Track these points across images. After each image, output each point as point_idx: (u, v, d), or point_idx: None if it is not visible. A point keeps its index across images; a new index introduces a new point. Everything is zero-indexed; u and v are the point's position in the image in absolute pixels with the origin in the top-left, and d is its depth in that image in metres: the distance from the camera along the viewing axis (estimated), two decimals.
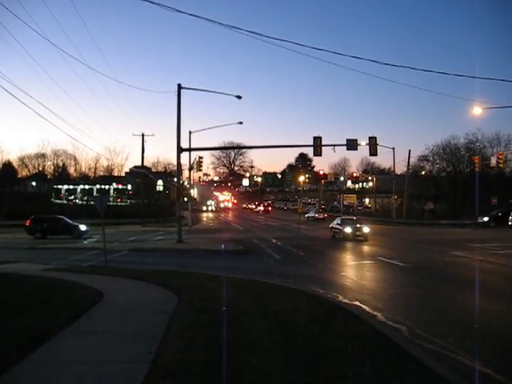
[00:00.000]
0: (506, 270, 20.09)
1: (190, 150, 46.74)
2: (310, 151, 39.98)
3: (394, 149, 68.10)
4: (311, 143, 37.95)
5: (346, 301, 13.01)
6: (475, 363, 7.61)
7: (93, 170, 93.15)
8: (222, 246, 30.73)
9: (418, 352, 8.03)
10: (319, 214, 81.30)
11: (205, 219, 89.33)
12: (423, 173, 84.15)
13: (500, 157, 46.54)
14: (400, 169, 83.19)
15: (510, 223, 48.77)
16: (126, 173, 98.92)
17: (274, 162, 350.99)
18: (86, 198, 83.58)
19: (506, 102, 44.89)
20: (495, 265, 21.30)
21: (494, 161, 46.96)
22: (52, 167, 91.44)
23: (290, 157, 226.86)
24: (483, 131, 77.31)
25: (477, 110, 38.08)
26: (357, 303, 12.72)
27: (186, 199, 66.79)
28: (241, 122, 53.51)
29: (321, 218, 76.23)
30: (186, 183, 73.98)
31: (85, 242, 37.43)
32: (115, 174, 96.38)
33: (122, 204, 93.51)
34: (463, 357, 8.02)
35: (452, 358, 8.03)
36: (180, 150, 36.24)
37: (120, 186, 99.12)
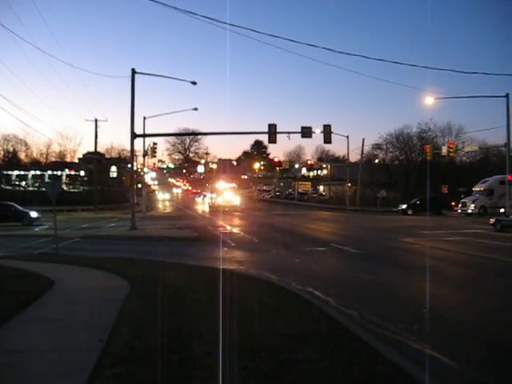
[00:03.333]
0: (454, 255, 20.66)
1: (144, 135, 46.26)
2: (265, 138, 40.55)
3: (348, 137, 68.91)
4: (266, 130, 38.04)
5: (299, 287, 13.13)
6: (423, 347, 7.82)
7: (44, 156, 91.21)
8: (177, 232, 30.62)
9: (367, 336, 8.20)
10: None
11: (160, 206, 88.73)
12: (377, 161, 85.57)
13: (451, 146, 47.63)
14: (354, 157, 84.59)
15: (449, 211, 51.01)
16: (79, 159, 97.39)
17: (230, 148, 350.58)
18: (37, 185, 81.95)
19: (457, 93, 46.03)
20: (444, 251, 21.87)
21: (445, 150, 48.06)
22: (2, 152, 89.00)
23: (245, 144, 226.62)
24: (435, 121, 79.30)
25: (429, 100, 38.97)
26: (310, 289, 12.85)
27: (140, 185, 66.22)
28: (196, 109, 53.10)
29: None
30: (141, 170, 73.25)
31: (36, 230, 36.72)
32: (68, 159, 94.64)
33: (75, 190, 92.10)
34: (412, 341, 8.22)
35: (401, 341, 8.22)
36: (134, 135, 35.83)
37: (73, 172, 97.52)
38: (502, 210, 41.39)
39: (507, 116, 39.50)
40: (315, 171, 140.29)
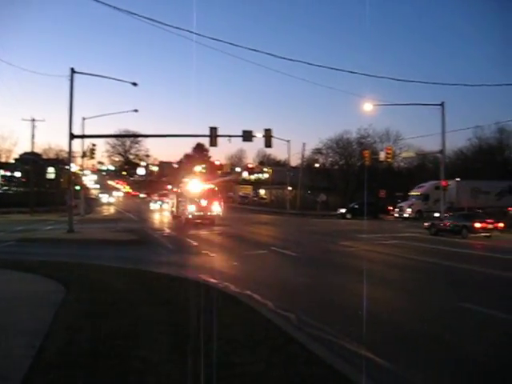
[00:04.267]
0: (390, 258, 21.13)
1: (82, 136, 45.23)
2: (207, 141, 39.64)
3: (289, 141, 69.51)
4: (208, 133, 37.92)
5: (238, 290, 13.16)
6: (359, 348, 7.96)
7: None
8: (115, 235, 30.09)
9: (304, 338, 8.29)
10: None
11: (99, 208, 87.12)
12: (317, 165, 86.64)
13: (388, 152, 48.55)
14: (295, 161, 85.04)
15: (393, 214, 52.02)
16: (15, 159, 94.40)
17: (171, 151, 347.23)
18: None
19: (396, 100, 47.08)
20: (381, 254, 22.35)
21: (383, 155, 48.97)
22: None
23: (186, 147, 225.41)
24: (374, 127, 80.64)
25: (368, 107, 39.67)
26: (248, 292, 12.89)
27: (78, 187, 64.82)
28: (136, 110, 52.45)
29: None
30: (80, 171, 71.69)
31: None
32: (3, 160, 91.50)
33: (11, 192, 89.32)
34: (347, 342, 8.37)
35: (337, 343, 8.36)
36: (72, 136, 35.06)
37: (8, 173, 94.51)
38: (436, 215, 42.70)
39: (442, 124, 40.73)
40: (256, 175, 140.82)
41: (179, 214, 47.34)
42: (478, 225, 30.61)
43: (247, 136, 38.56)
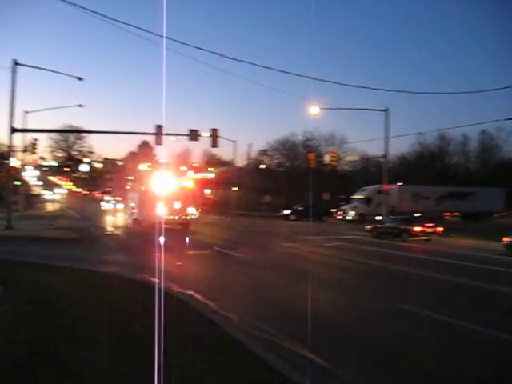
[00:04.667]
0: (333, 260, 21.40)
1: (24, 130, 44.06)
2: (153, 139, 38.98)
3: (235, 142, 69.59)
4: (153, 131, 37.51)
5: (180, 290, 13.07)
6: (297, 347, 8.03)
7: None
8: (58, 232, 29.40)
9: (244, 339, 8.30)
10: None
11: (41, 205, 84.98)
12: (263, 167, 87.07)
13: (333, 155, 49.10)
14: (242, 162, 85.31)
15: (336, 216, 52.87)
16: None
17: (116, 148, 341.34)
18: None
19: (343, 104, 47.74)
20: (324, 256, 22.61)
21: (327, 158, 49.55)
22: None
23: (132, 144, 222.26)
24: (320, 130, 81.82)
25: (314, 110, 39.99)
26: (191, 293, 12.82)
27: (18, 183, 63.05)
28: (81, 105, 51.52)
29: None
30: (21, 166, 69.69)
31: None
32: None
33: None
34: (287, 342, 8.43)
35: (277, 343, 8.40)
36: (13, 130, 34.11)
37: None
38: (378, 218, 43.52)
39: (386, 129, 41.55)
40: (202, 175, 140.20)
41: (143, 217, 37.40)
42: (417, 228, 31.35)
43: (193, 135, 38.31)
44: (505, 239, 25.22)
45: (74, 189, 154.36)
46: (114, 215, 56.76)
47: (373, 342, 9.02)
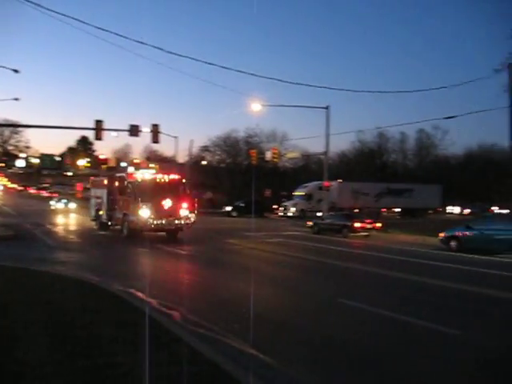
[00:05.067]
0: (274, 256, 21.49)
1: None
2: (92, 135, 37.81)
3: (177, 138, 68.93)
4: (93, 126, 36.72)
5: (121, 288, 12.78)
6: (242, 345, 7.96)
7: None
8: None
9: (188, 337, 8.17)
10: None
11: None
12: (204, 163, 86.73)
13: (274, 152, 49.33)
14: (184, 158, 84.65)
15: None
16: None
17: (54, 143, 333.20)
18: None
19: (286, 102, 48.00)
20: (265, 252, 22.67)
21: (269, 155, 49.73)
22: None
23: (70, 140, 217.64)
24: (262, 127, 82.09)
25: (256, 106, 40.00)
26: (132, 291, 12.56)
27: None
28: (17, 99, 50.22)
29: None
30: None
31: None
32: None
33: None
34: (232, 340, 8.34)
35: (221, 341, 8.31)
36: None
37: None
38: (319, 214, 44.02)
39: (327, 126, 41.90)
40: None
41: (114, 222, 30.23)
42: (357, 224, 31.89)
43: (134, 131, 37.73)
44: (441, 234, 25.91)
45: (10, 185, 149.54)
46: (67, 216, 49.27)
47: (314, 336, 9.12)
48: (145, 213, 26.06)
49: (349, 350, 8.40)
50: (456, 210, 75.80)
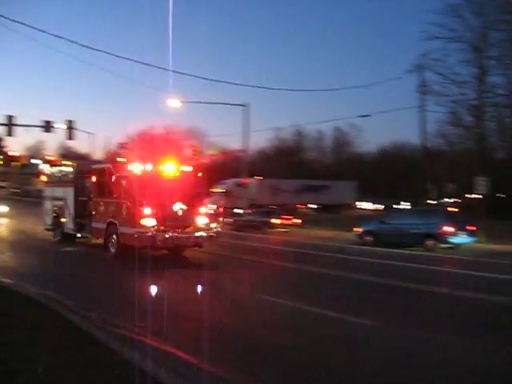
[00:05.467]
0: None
1: None
2: (2, 130, 36.12)
3: (93, 134, 67.59)
4: (3, 122, 35.43)
5: (35, 290, 12.45)
6: (163, 345, 7.96)
7: None
8: None
9: (106, 338, 8.10)
10: None
11: None
12: (122, 160, 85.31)
13: (194, 149, 49.36)
14: (100, 155, 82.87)
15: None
16: None
17: None
18: None
19: (206, 99, 47.83)
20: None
21: (188, 152, 49.63)
22: None
23: None
24: (181, 124, 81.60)
25: (174, 103, 39.81)
26: (48, 293, 12.23)
27: None
28: None
29: None
30: None
31: None
32: None
33: None
34: (154, 340, 8.32)
35: (142, 341, 8.27)
36: None
37: None
38: (238, 211, 44.35)
39: (245, 124, 42.17)
40: (58, 168, 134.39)
41: (89, 233, 22.45)
42: (276, 221, 32.42)
43: (47, 127, 36.80)
44: (356, 229, 26.75)
45: None
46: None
47: (236, 333, 9.34)
48: (149, 222, 18.07)
49: (272, 346, 8.60)
50: (368, 205, 77.99)
